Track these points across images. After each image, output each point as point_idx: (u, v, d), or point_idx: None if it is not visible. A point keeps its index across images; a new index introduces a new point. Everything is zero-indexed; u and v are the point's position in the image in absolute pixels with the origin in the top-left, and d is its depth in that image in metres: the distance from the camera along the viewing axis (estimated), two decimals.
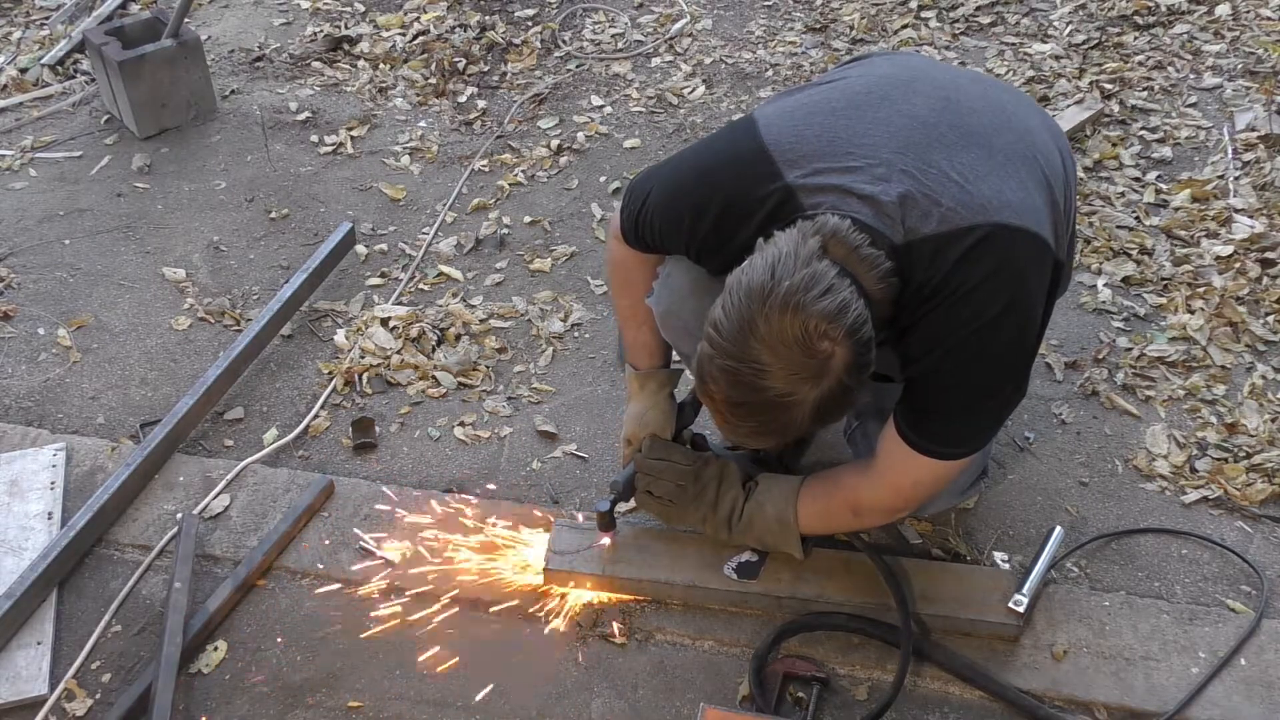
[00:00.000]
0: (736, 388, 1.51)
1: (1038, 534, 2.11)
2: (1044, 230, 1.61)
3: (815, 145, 1.63)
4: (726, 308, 1.51)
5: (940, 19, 3.81)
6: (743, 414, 1.56)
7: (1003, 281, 1.57)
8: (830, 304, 1.46)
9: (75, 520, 2.11)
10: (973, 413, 1.69)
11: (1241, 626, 1.95)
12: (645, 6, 3.98)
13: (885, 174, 1.58)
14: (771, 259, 1.49)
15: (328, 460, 2.36)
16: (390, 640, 1.99)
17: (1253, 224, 2.83)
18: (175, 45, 3.25)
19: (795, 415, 1.53)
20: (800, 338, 1.46)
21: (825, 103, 1.70)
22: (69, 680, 1.92)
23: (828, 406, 1.53)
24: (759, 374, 1.49)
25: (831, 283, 1.47)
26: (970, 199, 1.57)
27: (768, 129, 1.68)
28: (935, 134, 1.62)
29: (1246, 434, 2.32)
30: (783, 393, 1.49)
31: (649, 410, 2.01)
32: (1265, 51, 3.52)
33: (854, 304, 1.48)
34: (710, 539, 2.03)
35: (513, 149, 3.30)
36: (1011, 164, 1.63)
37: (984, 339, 1.59)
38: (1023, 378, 1.69)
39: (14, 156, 3.29)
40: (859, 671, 1.92)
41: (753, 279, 1.49)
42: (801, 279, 1.46)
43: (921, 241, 1.56)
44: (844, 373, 1.49)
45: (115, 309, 2.75)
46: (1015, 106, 1.77)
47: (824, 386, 1.49)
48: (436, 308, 2.71)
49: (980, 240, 1.55)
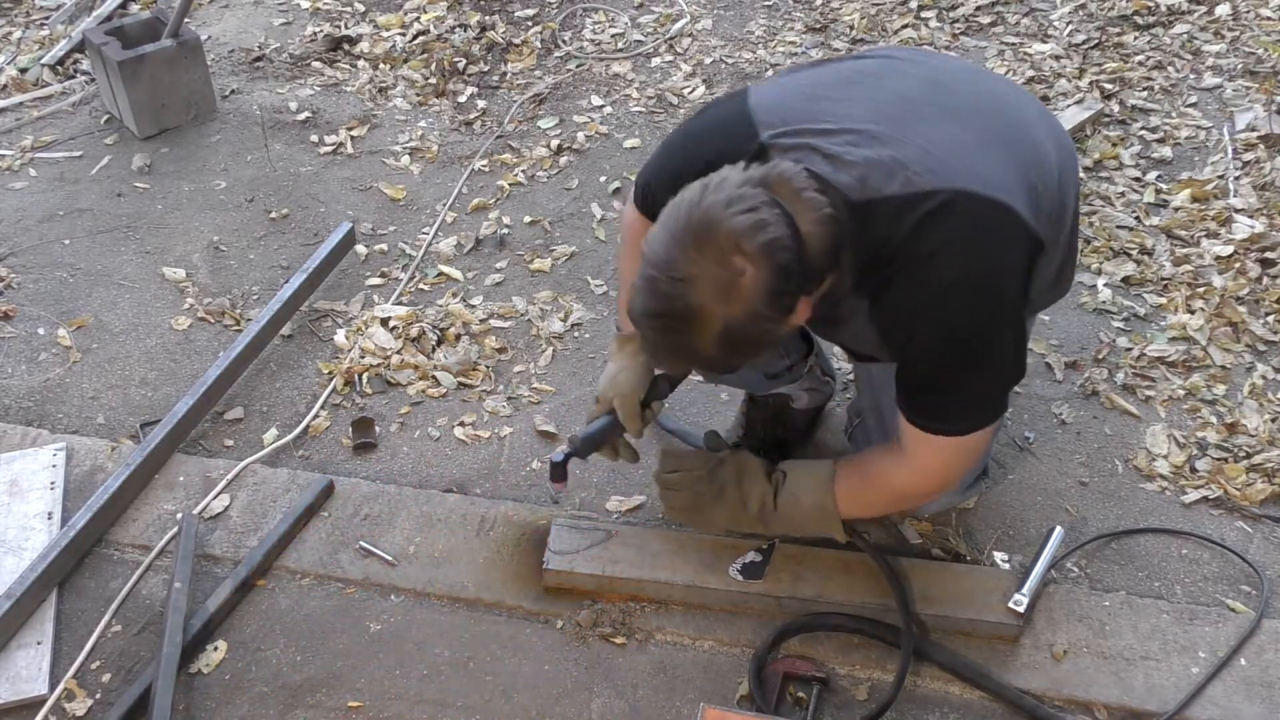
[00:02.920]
0: (653, 297, 1.52)
1: (1038, 534, 2.12)
2: (1015, 202, 1.60)
3: (796, 113, 1.66)
4: (660, 221, 1.54)
5: (940, 19, 3.81)
6: (658, 328, 1.55)
7: (962, 247, 1.57)
8: (748, 220, 1.47)
9: (75, 520, 2.11)
10: (962, 386, 1.67)
11: (1241, 626, 1.95)
12: (645, 6, 3.98)
13: (856, 140, 1.59)
14: (710, 180, 1.52)
15: (328, 460, 2.36)
16: (390, 640, 1.99)
17: (1253, 224, 2.83)
18: (175, 45, 3.25)
19: (704, 334, 1.52)
20: (715, 245, 1.47)
21: (817, 78, 1.75)
22: (69, 680, 1.92)
23: (739, 335, 1.52)
24: (672, 283, 1.49)
25: (756, 204, 1.48)
26: (938, 166, 1.57)
27: (756, 97, 1.72)
28: (915, 109, 1.65)
29: (1246, 434, 2.32)
30: (693, 305, 1.49)
31: (622, 372, 1.98)
32: (1265, 51, 3.52)
33: (775, 226, 1.48)
34: (710, 539, 2.03)
35: (513, 149, 3.30)
36: (991, 144, 1.64)
37: (947, 304, 1.59)
38: (1006, 347, 1.67)
39: (14, 156, 3.29)
40: (859, 671, 1.92)
41: (686, 194, 1.52)
42: (727, 196, 1.48)
43: (883, 200, 1.56)
44: (756, 297, 1.48)
45: (115, 309, 2.75)
46: (1012, 98, 1.78)
47: (735, 308, 1.49)
48: (436, 308, 2.71)
49: (942, 205, 1.55)
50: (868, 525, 2.14)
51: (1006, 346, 1.67)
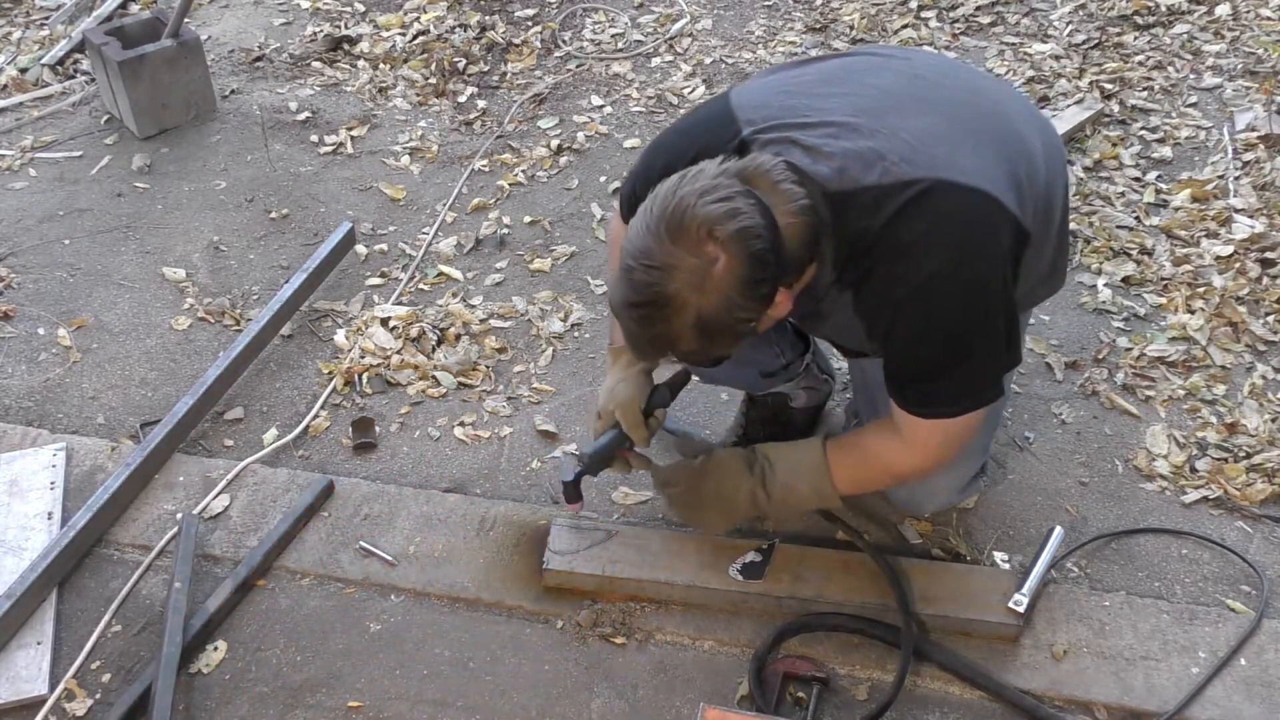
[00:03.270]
0: (630, 287, 1.53)
1: (1038, 534, 2.11)
2: (997, 190, 1.59)
3: (777, 110, 1.66)
4: (639, 213, 1.54)
5: (940, 19, 3.81)
6: (636, 317, 1.56)
7: (942, 236, 1.56)
8: (720, 208, 1.47)
9: (75, 520, 2.11)
10: (952, 375, 1.67)
11: (1241, 626, 1.95)
12: (645, 6, 3.98)
13: (835, 132, 1.60)
14: (688, 173, 1.53)
15: (328, 460, 2.36)
16: (390, 640, 1.99)
17: (1253, 224, 2.83)
18: (175, 45, 3.25)
19: (680, 323, 1.52)
20: (688, 233, 1.47)
21: (799, 76, 1.76)
22: (69, 680, 1.92)
23: (715, 324, 1.52)
24: (648, 271, 1.50)
25: (730, 194, 1.48)
26: (917, 156, 1.57)
27: (738, 96, 1.73)
28: (895, 102, 1.65)
29: (1246, 434, 2.32)
30: (667, 293, 1.50)
31: (620, 384, 1.98)
32: (1265, 51, 3.52)
33: (748, 214, 1.48)
34: (710, 539, 2.03)
35: (513, 149, 3.30)
36: (972, 135, 1.64)
37: (930, 297, 1.59)
38: (997, 335, 1.66)
39: (14, 156, 3.29)
40: (859, 671, 1.92)
41: (664, 186, 1.53)
42: (700, 186, 1.49)
43: (861, 190, 1.56)
44: (731, 285, 1.49)
45: (115, 309, 2.75)
46: (994, 92, 1.78)
47: (710, 297, 1.49)
48: (436, 308, 2.71)
49: (921, 194, 1.55)
50: (868, 525, 2.14)
51: (998, 334, 1.66)
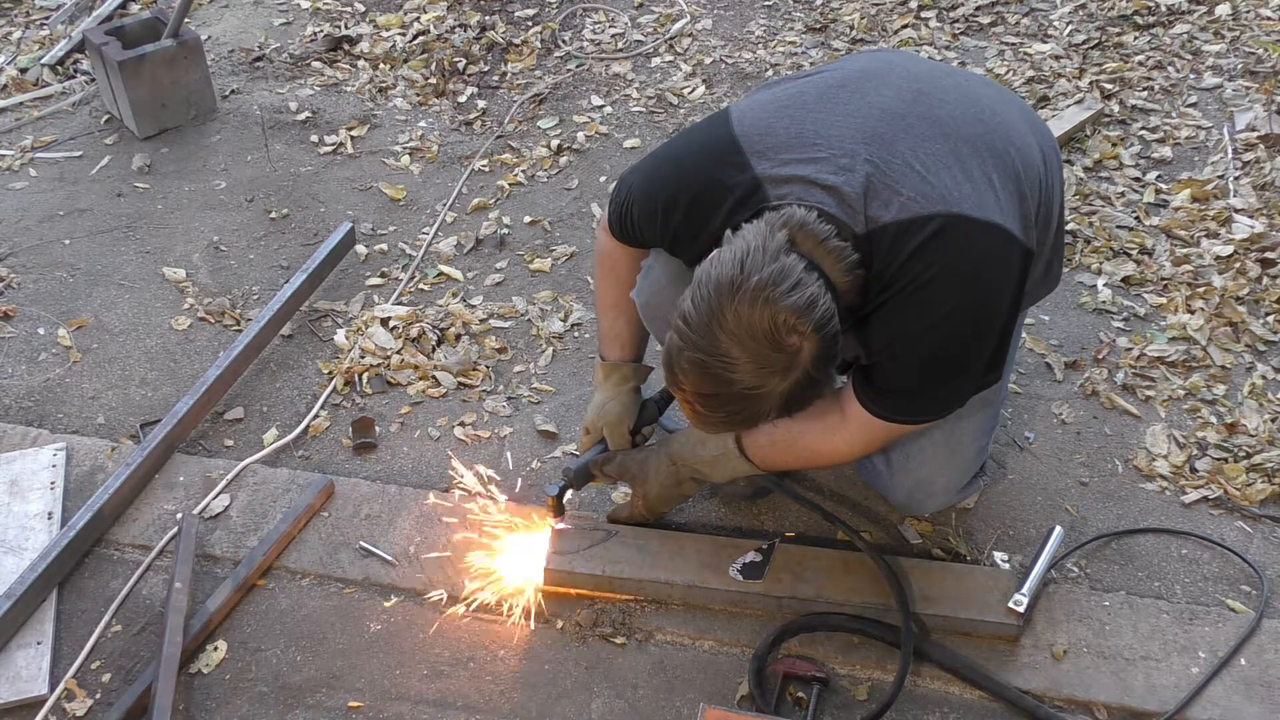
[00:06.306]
0: (705, 380, 1.53)
1: (1038, 534, 2.11)
2: (1007, 221, 1.61)
3: (783, 137, 1.65)
4: (695, 300, 1.53)
5: (940, 19, 3.81)
6: (712, 405, 1.57)
7: (958, 275, 1.59)
8: (799, 299, 1.48)
9: (75, 520, 2.11)
10: (932, 392, 1.71)
11: (1241, 626, 1.95)
12: (645, 6, 3.98)
13: (849, 164, 1.60)
14: (740, 252, 1.51)
15: (328, 460, 2.36)
16: (390, 640, 1.99)
17: (1253, 224, 2.83)
18: (175, 45, 3.25)
19: (764, 406, 1.55)
20: (769, 332, 1.48)
21: (798, 96, 1.73)
22: (69, 680, 1.92)
23: (795, 397, 1.56)
24: (727, 367, 1.50)
25: (800, 277, 1.49)
26: (930, 189, 1.58)
27: (740, 120, 1.71)
28: (903, 124, 1.64)
29: (1246, 434, 2.32)
30: (751, 385, 1.51)
31: (609, 402, 2.01)
32: (1265, 51, 3.52)
33: (822, 298, 1.50)
34: (710, 540, 2.03)
35: (513, 149, 3.30)
36: (978, 155, 1.65)
37: (941, 332, 1.62)
38: (980, 361, 1.70)
39: (14, 156, 3.29)
40: (859, 671, 1.92)
41: (721, 272, 1.51)
42: (770, 274, 1.48)
43: (881, 230, 1.58)
44: (811, 365, 1.52)
45: (115, 309, 2.75)
46: (992, 100, 1.78)
47: (792, 379, 1.52)
48: (436, 308, 2.71)
49: (937, 231, 1.57)
50: (867, 526, 2.14)
51: (981, 361, 1.70)
